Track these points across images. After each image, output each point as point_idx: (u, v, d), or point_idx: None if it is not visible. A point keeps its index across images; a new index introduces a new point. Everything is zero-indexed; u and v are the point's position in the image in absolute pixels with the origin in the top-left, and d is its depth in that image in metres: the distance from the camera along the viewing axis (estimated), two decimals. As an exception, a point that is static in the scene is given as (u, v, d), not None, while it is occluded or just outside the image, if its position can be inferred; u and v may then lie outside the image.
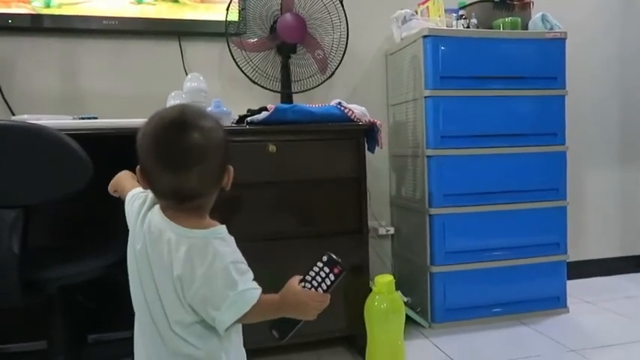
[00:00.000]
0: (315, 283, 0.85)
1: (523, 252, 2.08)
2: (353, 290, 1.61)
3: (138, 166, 0.82)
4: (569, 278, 2.18)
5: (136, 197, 0.90)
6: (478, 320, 2.03)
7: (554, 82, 2.07)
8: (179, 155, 0.78)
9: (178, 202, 0.80)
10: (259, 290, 0.80)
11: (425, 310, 2.04)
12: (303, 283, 0.85)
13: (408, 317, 1.98)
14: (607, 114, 2.65)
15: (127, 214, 0.91)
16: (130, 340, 1.81)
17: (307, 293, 0.84)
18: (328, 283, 0.85)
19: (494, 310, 2.06)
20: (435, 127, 1.96)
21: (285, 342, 0.87)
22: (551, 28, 2.08)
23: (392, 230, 2.33)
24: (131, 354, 1.69)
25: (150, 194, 0.85)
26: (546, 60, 2.06)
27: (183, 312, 0.79)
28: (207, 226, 0.81)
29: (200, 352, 0.80)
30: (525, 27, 2.11)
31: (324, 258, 0.86)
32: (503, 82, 2.02)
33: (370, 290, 1.63)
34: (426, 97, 1.96)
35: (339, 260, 0.86)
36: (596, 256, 2.66)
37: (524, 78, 2.04)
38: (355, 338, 1.73)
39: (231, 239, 0.82)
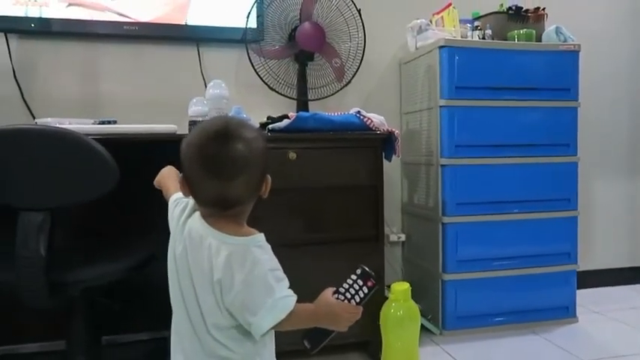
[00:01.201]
0: (348, 295, 0.87)
1: (534, 261, 2.09)
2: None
3: (181, 175, 0.84)
4: (578, 288, 2.20)
5: (178, 202, 0.91)
6: (489, 328, 2.05)
7: (567, 93, 2.10)
8: (224, 165, 0.80)
9: (220, 210, 0.82)
10: (295, 298, 0.82)
11: (436, 318, 2.06)
12: (336, 295, 0.87)
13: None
14: (618, 124, 2.67)
15: (169, 217, 0.93)
16: (147, 342, 1.84)
17: (340, 305, 0.86)
18: (362, 295, 0.87)
19: (504, 319, 2.07)
20: (449, 137, 1.98)
21: (315, 353, 0.89)
22: (565, 41, 2.11)
23: (403, 237, 2.35)
24: (155, 355, 1.72)
25: (191, 201, 0.87)
26: (560, 72, 2.08)
27: (220, 316, 0.81)
28: (247, 233, 0.83)
29: (236, 355, 0.82)
30: (539, 39, 2.14)
31: (358, 271, 0.89)
32: (516, 93, 2.04)
33: (385, 297, 1.65)
34: (441, 106, 1.99)
35: (373, 273, 0.88)
36: (605, 265, 2.68)
37: (538, 89, 2.06)
38: (369, 344, 1.75)
39: (269, 247, 0.84)
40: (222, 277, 0.79)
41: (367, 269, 0.89)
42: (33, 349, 1.81)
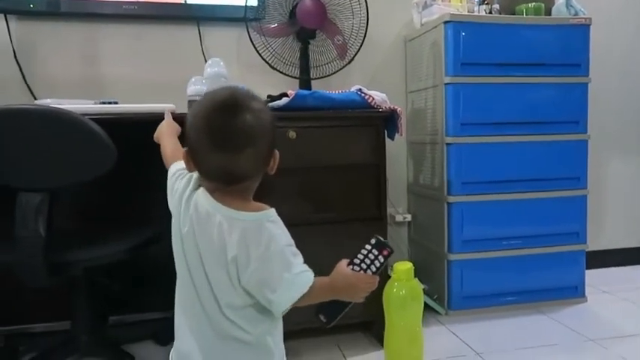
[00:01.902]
0: (363, 266, 0.86)
1: (542, 241, 2.06)
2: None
3: (185, 148, 0.81)
4: (588, 268, 2.17)
5: (180, 175, 0.88)
6: (495, 308, 2.03)
7: (578, 69, 2.04)
8: (231, 136, 0.77)
9: (226, 184, 0.79)
10: (312, 273, 0.81)
11: (442, 298, 2.05)
12: (351, 266, 0.86)
13: (424, 304, 1.99)
14: (630, 102, 2.60)
15: (169, 189, 0.89)
16: (150, 322, 1.85)
17: (357, 275, 0.85)
18: (377, 264, 0.87)
19: (511, 299, 2.05)
20: (454, 115, 1.94)
21: (331, 325, 0.88)
22: (576, 14, 2.04)
23: (409, 217, 2.33)
24: (161, 334, 1.74)
25: (195, 174, 0.84)
26: (570, 46, 2.02)
27: (235, 295, 0.78)
28: (258, 208, 0.81)
29: (249, 336, 0.80)
30: (549, 12, 2.07)
31: (373, 241, 0.88)
32: (525, 69, 1.99)
33: (389, 277, 1.63)
34: (446, 83, 1.94)
35: (388, 242, 0.88)
36: (615, 245, 2.63)
37: (547, 65, 2.01)
38: (373, 324, 1.74)
39: (281, 222, 0.82)
40: (237, 255, 0.76)
41: (382, 239, 0.88)
42: (40, 329, 1.83)
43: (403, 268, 1.59)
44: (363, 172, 1.67)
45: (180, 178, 0.87)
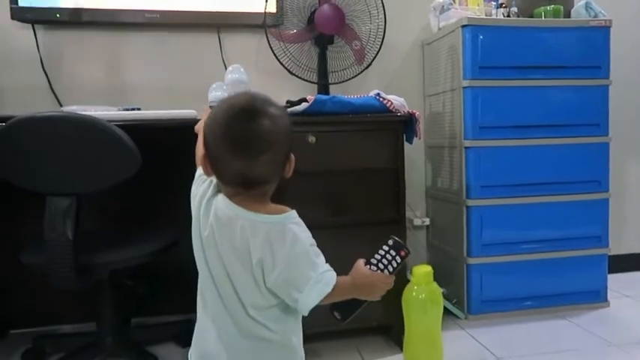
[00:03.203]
0: (381, 266, 0.88)
1: (563, 244, 2.04)
2: (390, 280, 1.62)
3: (202, 153, 0.83)
4: (610, 272, 2.14)
5: (201, 179, 0.89)
6: (515, 312, 2.02)
7: (598, 71, 2.02)
8: (249, 142, 0.78)
9: (245, 189, 0.81)
10: (334, 272, 0.83)
11: (461, 302, 2.04)
12: (369, 266, 0.88)
13: (444, 308, 1.99)
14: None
15: (192, 190, 0.90)
16: (172, 325, 1.88)
17: (376, 275, 0.87)
18: (395, 265, 0.89)
19: (532, 303, 2.04)
20: (473, 118, 1.94)
21: (344, 324, 0.90)
22: (595, 16, 2.03)
23: (427, 221, 2.33)
24: (182, 336, 1.76)
25: (214, 180, 0.86)
26: (590, 49, 2.01)
27: (260, 296, 0.80)
28: (279, 211, 0.82)
29: (275, 335, 0.82)
30: (568, 15, 2.07)
31: (390, 242, 0.90)
32: (544, 72, 1.98)
33: (408, 281, 1.64)
34: (464, 87, 1.94)
35: (404, 243, 0.89)
36: (637, 250, 2.59)
37: (567, 67, 2.00)
38: (392, 328, 1.75)
39: (303, 223, 0.84)
40: (262, 257, 0.78)
41: (399, 240, 0.90)
42: (67, 331, 1.88)
43: (422, 271, 1.59)
44: (381, 176, 1.68)
45: (201, 182, 0.89)
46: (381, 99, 1.66)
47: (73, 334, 1.81)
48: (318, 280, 0.80)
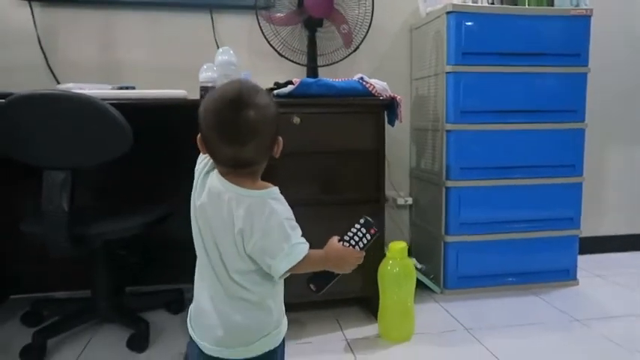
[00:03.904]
0: (352, 242, 0.97)
1: (537, 225, 2.15)
2: (369, 255, 1.71)
3: (199, 135, 0.92)
4: (585, 253, 2.24)
5: (204, 155, 0.98)
6: (489, 288, 2.13)
7: (577, 59, 2.09)
8: (237, 131, 0.87)
9: (236, 169, 0.91)
10: (307, 245, 0.92)
11: (438, 277, 2.15)
12: (342, 242, 0.97)
13: (422, 283, 2.10)
14: (630, 91, 2.64)
15: (196, 166, 0.99)
16: (163, 293, 1.98)
17: (347, 250, 0.97)
18: (365, 242, 0.98)
19: (504, 280, 2.15)
20: (455, 102, 2.02)
21: (320, 295, 0.99)
22: (577, 5, 2.08)
23: (410, 200, 2.42)
24: (173, 304, 1.86)
25: (210, 159, 0.95)
26: (570, 37, 2.07)
27: (240, 262, 0.90)
28: (263, 187, 0.92)
29: (254, 296, 0.92)
30: (551, 3, 2.12)
31: (362, 220, 0.99)
32: (525, 59, 2.05)
33: (384, 255, 1.74)
34: (447, 72, 2.01)
35: (375, 222, 0.99)
36: (613, 232, 2.71)
37: (547, 55, 2.06)
38: (370, 299, 1.86)
39: (283, 199, 0.93)
40: (243, 227, 0.88)
41: (369, 219, 0.99)
42: (63, 296, 1.98)
43: (397, 247, 1.69)
44: (363, 156, 1.76)
45: (202, 158, 0.99)
46: (364, 83, 1.73)
47: (70, 300, 1.91)
48: (289, 252, 0.89)
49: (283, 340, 0.99)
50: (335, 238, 0.98)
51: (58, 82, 2.03)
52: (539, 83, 2.07)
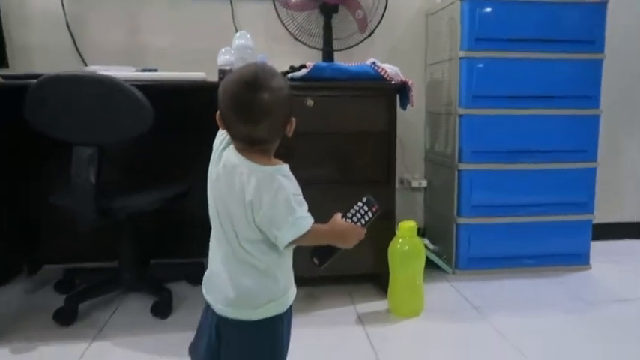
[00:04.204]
0: (355, 219, 1.03)
1: (549, 209, 2.17)
2: (380, 234, 1.78)
3: (217, 112, 0.99)
4: (599, 239, 2.24)
5: (222, 132, 1.05)
6: (499, 270, 2.17)
7: (592, 45, 2.09)
8: (251, 112, 0.94)
9: (250, 146, 0.98)
10: (312, 219, 0.99)
11: (450, 258, 2.20)
12: (344, 219, 1.03)
13: (434, 263, 2.15)
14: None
15: (214, 142, 1.07)
16: (185, 265, 2.09)
17: (350, 226, 1.03)
18: (367, 219, 1.04)
19: (516, 262, 2.19)
20: (467, 87, 2.05)
21: (323, 269, 1.05)
22: (594, -10, 2.08)
23: (424, 183, 2.47)
24: (193, 276, 1.95)
25: (227, 136, 1.03)
26: (586, 23, 2.07)
27: (250, 231, 0.98)
28: (274, 163, 0.99)
29: (261, 263, 1.00)
30: (567, -12, 2.11)
31: (364, 199, 1.05)
32: (539, 45, 2.05)
33: (394, 234, 1.80)
34: (460, 58, 2.04)
35: (377, 201, 1.05)
36: (628, 219, 2.70)
37: (562, 41, 2.07)
38: (380, 276, 1.92)
39: (292, 176, 1.00)
40: (252, 200, 0.95)
41: (372, 197, 1.05)
42: (92, 267, 2.10)
43: (407, 226, 1.75)
44: (375, 138, 1.82)
45: (221, 134, 1.06)
46: (376, 67, 1.78)
47: (99, 269, 2.02)
48: (294, 224, 0.96)
49: (290, 308, 1.06)
50: (339, 215, 1.04)
51: (86, 64, 2.13)
52: (553, 69, 2.08)
